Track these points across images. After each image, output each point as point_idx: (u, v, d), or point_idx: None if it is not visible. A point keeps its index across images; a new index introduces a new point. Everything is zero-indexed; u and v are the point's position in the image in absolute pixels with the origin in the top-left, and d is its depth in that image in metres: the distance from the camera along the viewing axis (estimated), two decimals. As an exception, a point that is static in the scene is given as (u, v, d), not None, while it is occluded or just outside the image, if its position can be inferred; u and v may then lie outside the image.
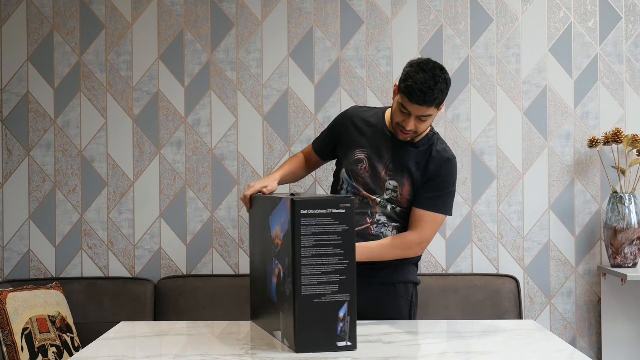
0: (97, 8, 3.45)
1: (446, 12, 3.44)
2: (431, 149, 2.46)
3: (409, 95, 2.29)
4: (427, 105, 2.29)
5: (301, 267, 1.88)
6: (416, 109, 2.31)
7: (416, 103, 2.28)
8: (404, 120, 2.35)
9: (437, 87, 2.27)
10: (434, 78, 2.27)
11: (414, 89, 2.26)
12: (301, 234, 1.88)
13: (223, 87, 3.44)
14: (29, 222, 3.46)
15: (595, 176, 3.43)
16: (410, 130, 2.36)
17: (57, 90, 3.46)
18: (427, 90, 2.26)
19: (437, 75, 2.29)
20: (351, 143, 2.53)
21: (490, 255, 3.43)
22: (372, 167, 2.47)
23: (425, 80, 2.26)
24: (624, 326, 3.34)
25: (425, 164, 2.45)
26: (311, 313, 1.88)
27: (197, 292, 3.29)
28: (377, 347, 1.97)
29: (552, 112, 3.44)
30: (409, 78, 2.29)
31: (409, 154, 2.46)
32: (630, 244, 3.26)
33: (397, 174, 2.45)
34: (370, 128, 2.52)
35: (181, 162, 3.45)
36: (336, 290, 1.89)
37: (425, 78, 2.26)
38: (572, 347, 1.96)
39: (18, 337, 2.93)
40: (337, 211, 1.89)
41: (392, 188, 2.46)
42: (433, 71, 2.29)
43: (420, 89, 2.26)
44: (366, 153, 2.48)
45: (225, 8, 3.45)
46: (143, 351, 1.96)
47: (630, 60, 3.44)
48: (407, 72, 2.32)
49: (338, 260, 1.89)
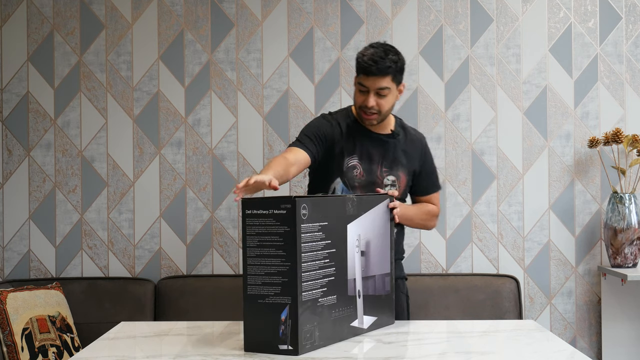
0: (97, 8, 3.45)
1: (446, 12, 3.44)
2: (407, 134, 2.58)
3: (363, 70, 2.37)
4: (382, 74, 2.35)
5: (247, 267, 1.88)
6: (372, 81, 2.36)
7: (371, 74, 2.35)
8: (365, 99, 2.40)
9: (388, 57, 2.35)
10: (383, 50, 2.38)
11: (366, 61, 2.35)
12: (246, 234, 1.88)
13: (223, 87, 3.44)
14: (29, 222, 3.46)
15: (595, 176, 3.43)
16: (372, 107, 2.39)
17: (57, 90, 3.46)
18: (379, 59, 2.34)
19: (387, 48, 2.39)
20: (340, 150, 2.49)
21: (490, 255, 3.43)
22: (366, 171, 2.49)
23: (375, 52, 2.36)
24: (624, 326, 3.34)
25: (412, 150, 2.56)
26: (256, 313, 1.87)
27: (197, 292, 3.29)
28: (377, 347, 1.97)
29: (552, 112, 3.44)
30: (360, 55, 2.39)
31: (395, 146, 2.52)
32: (630, 244, 3.26)
33: (392, 168, 2.51)
34: (348, 129, 2.52)
35: (181, 162, 3.45)
36: (278, 292, 1.84)
37: (375, 51, 2.37)
38: (572, 347, 1.96)
39: (18, 337, 2.93)
40: (278, 212, 1.84)
41: (390, 183, 2.51)
42: (382, 46, 2.40)
43: (371, 59, 2.34)
44: (357, 158, 2.49)
45: (225, 8, 3.45)
46: (143, 351, 1.96)
47: (630, 60, 3.44)
48: (358, 54, 2.42)
49: (280, 262, 1.84)
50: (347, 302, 2.02)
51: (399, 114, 3.42)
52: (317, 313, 1.89)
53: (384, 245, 2.20)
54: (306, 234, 1.86)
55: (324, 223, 1.93)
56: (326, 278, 1.93)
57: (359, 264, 2.08)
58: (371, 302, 2.13)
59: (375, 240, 2.16)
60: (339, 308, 1.98)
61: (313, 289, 1.88)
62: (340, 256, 1.99)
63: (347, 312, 2.03)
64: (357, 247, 2.08)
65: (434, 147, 3.42)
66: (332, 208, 1.97)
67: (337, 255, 1.97)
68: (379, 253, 2.18)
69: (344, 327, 2.01)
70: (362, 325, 2.10)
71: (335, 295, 1.96)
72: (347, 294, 2.02)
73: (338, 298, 1.97)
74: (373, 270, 2.15)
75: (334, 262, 1.96)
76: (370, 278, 2.13)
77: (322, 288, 1.91)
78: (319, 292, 1.90)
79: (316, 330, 1.89)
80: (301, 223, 1.83)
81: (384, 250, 2.20)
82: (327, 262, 1.94)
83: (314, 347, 1.88)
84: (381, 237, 2.19)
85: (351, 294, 2.05)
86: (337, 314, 1.98)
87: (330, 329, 1.95)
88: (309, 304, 1.86)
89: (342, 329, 2.00)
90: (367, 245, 2.11)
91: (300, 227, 1.83)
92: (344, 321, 2.01)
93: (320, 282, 1.91)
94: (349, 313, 2.04)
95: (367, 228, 2.12)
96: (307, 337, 1.86)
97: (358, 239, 2.08)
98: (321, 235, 1.91)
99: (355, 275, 2.08)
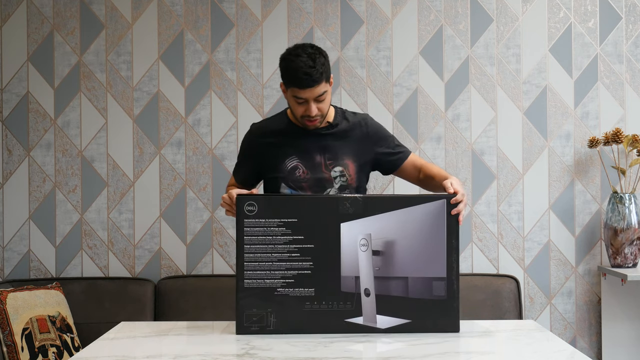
0: (97, 8, 3.45)
1: (446, 12, 3.44)
2: (348, 119, 2.50)
3: (297, 83, 2.29)
4: (317, 84, 2.29)
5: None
6: (309, 92, 2.30)
7: (307, 87, 2.29)
8: (305, 109, 2.34)
9: (317, 63, 2.28)
10: (310, 57, 2.29)
11: (298, 76, 2.27)
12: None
13: (223, 87, 3.44)
14: (29, 222, 3.46)
15: (595, 176, 3.43)
16: (316, 115, 2.35)
17: (57, 90, 3.46)
18: (310, 70, 2.27)
19: (312, 53, 2.31)
20: (275, 158, 2.47)
21: (490, 255, 3.43)
22: (309, 168, 2.44)
23: (303, 62, 2.28)
24: (624, 326, 3.34)
25: (356, 134, 2.48)
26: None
27: (197, 292, 3.29)
28: (377, 347, 1.97)
29: (552, 112, 3.44)
30: (289, 69, 2.31)
31: (334, 136, 2.46)
32: (630, 244, 3.26)
33: (337, 158, 2.45)
34: (282, 134, 2.47)
35: (181, 162, 3.45)
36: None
37: (302, 60, 2.28)
38: (572, 347, 1.96)
39: (18, 337, 2.93)
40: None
41: (339, 173, 2.45)
42: (305, 51, 2.31)
43: (304, 73, 2.27)
44: (296, 158, 2.44)
45: (225, 8, 3.45)
46: (143, 351, 1.96)
47: (630, 60, 3.44)
48: (284, 66, 2.33)
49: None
50: (338, 297, 2.09)
51: (399, 114, 3.43)
52: (273, 301, 2.07)
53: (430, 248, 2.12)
54: (254, 228, 2.07)
55: (292, 220, 2.08)
56: (293, 271, 2.08)
57: (365, 262, 2.09)
58: (396, 303, 2.11)
59: (406, 241, 2.11)
60: (320, 301, 2.09)
61: (265, 278, 2.08)
62: (324, 252, 2.09)
63: (339, 307, 2.09)
64: (363, 247, 2.09)
65: (434, 147, 3.43)
66: (309, 207, 2.09)
67: (315, 251, 2.09)
68: (417, 255, 2.12)
69: (332, 321, 2.08)
70: (374, 324, 2.10)
71: (313, 288, 2.08)
72: (339, 290, 2.09)
73: (317, 291, 2.08)
74: (402, 272, 2.12)
75: (311, 257, 2.08)
76: (397, 279, 2.12)
77: (283, 279, 2.08)
78: (278, 282, 2.08)
79: (271, 316, 2.08)
80: (244, 218, 2.07)
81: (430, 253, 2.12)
82: (296, 256, 2.08)
83: (266, 332, 2.07)
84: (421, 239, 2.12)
85: (348, 290, 2.08)
86: (315, 306, 2.08)
87: (301, 318, 2.08)
88: (256, 291, 2.07)
89: (329, 322, 2.08)
90: (386, 245, 2.11)
91: (243, 221, 2.07)
92: (333, 315, 2.08)
93: (282, 274, 2.08)
94: (342, 308, 2.08)
95: (389, 228, 2.10)
96: (254, 321, 2.08)
97: (366, 238, 2.09)
98: (284, 230, 2.08)
99: (360, 274, 2.09)
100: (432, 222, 2.12)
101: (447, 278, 2.12)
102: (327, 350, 1.91)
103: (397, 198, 2.16)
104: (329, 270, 2.09)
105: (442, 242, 2.12)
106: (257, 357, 1.85)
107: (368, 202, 2.10)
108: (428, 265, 2.13)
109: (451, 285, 2.12)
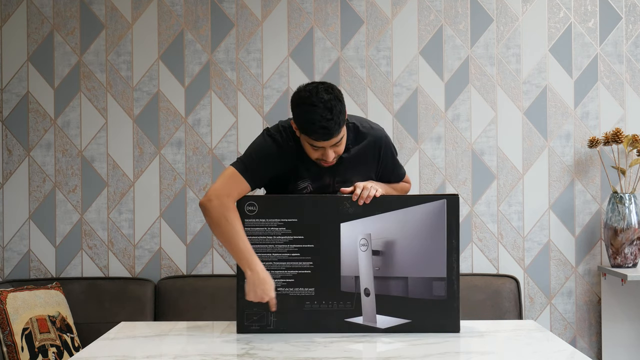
0: (97, 8, 3.45)
1: (446, 12, 3.44)
2: (361, 138, 2.30)
3: (313, 136, 2.11)
4: (333, 136, 2.12)
5: None
6: (327, 142, 2.13)
7: (324, 139, 2.11)
8: (322, 154, 2.17)
9: (334, 113, 2.08)
10: (326, 107, 2.08)
11: (316, 130, 2.08)
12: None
13: (223, 87, 3.44)
14: (29, 222, 3.46)
15: (595, 176, 3.43)
16: (333, 159, 2.20)
17: (57, 90, 3.46)
18: (328, 124, 2.08)
19: (328, 101, 2.09)
20: (290, 177, 2.28)
21: (490, 255, 3.43)
22: (317, 189, 2.30)
23: (321, 115, 2.07)
24: (624, 326, 3.34)
25: (367, 154, 2.32)
26: None
27: (197, 292, 3.29)
28: (377, 347, 1.97)
29: (552, 112, 3.44)
30: (305, 121, 2.10)
31: (346, 161, 2.29)
32: (630, 244, 3.26)
33: (346, 181, 2.29)
34: (301, 158, 2.26)
35: (181, 162, 3.45)
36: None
37: (319, 112, 2.07)
38: (572, 347, 1.96)
39: (18, 337, 2.93)
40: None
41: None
42: (321, 99, 2.09)
43: (321, 127, 2.07)
44: (308, 180, 2.29)
45: (225, 8, 3.45)
46: (143, 351, 1.96)
47: (630, 60, 3.44)
48: (299, 114, 2.13)
49: None
50: (338, 297, 2.10)
51: (399, 114, 3.43)
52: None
53: (430, 248, 2.12)
54: (254, 228, 2.11)
55: (292, 220, 2.11)
56: (293, 270, 2.11)
57: (365, 262, 2.09)
58: (396, 303, 2.11)
59: (406, 241, 2.12)
60: (320, 301, 2.10)
61: None
62: (324, 252, 2.10)
63: (339, 306, 2.10)
64: (363, 247, 2.10)
65: (434, 147, 3.43)
66: (309, 207, 2.11)
67: (315, 251, 2.10)
68: (417, 255, 2.12)
69: (332, 321, 2.10)
70: (374, 324, 2.10)
71: (313, 288, 2.10)
72: (339, 290, 2.10)
73: (317, 291, 2.10)
74: (402, 272, 2.12)
75: (311, 257, 2.10)
76: (396, 279, 2.13)
77: (283, 279, 2.10)
78: (278, 281, 2.10)
79: (271, 316, 2.10)
80: (245, 218, 2.10)
81: (430, 253, 2.12)
82: (296, 256, 2.11)
83: (266, 331, 2.10)
84: (421, 239, 2.12)
85: (348, 290, 2.08)
86: (315, 306, 2.10)
87: (301, 318, 2.10)
88: None
89: (329, 322, 2.10)
90: (386, 245, 2.11)
91: (244, 221, 2.11)
92: (332, 315, 2.10)
93: (282, 273, 2.11)
94: (342, 308, 2.10)
95: (389, 228, 2.11)
96: (254, 320, 2.11)
97: (366, 238, 2.10)
98: (284, 230, 2.10)
99: (360, 274, 2.09)
100: (432, 222, 2.12)
101: (447, 278, 2.12)
102: (327, 350, 1.91)
103: (397, 198, 2.17)
104: (329, 270, 2.10)
105: (442, 242, 2.12)
106: (257, 357, 1.85)
107: (375, 201, 2.11)
108: (428, 265, 2.13)
109: (451, 285, 2.12)
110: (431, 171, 3.43)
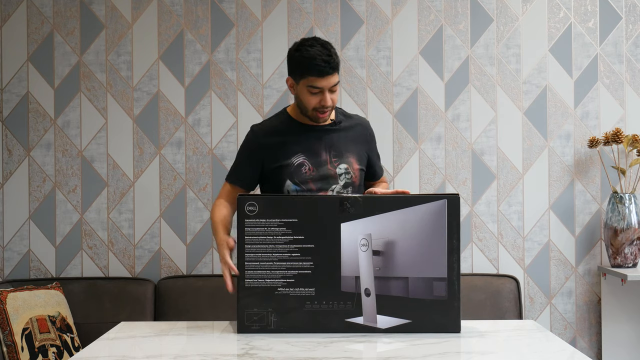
0: (97, 8, 3.45)
1: (446, 12, 3.44)
2: (350, 119, 2.54)
3: (317, 72, 2.31)
4: (333, 71, 2.33)
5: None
6: (326, 81, 2.33)
7: (326, 74, 2.32)
8: (320, 99, 2.36)
9: (332, 51, 2.34)
10: (324, 46, 2.34)
11: (316, 64, 2.30)
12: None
13: (223, 87, 3.44)
14: (29, 222, 3.46)
15: (595, 176, 3.43)
16: (329, 106, 2.38)
17: (57, 90, 3.46)
18: (328, 58, 2.31)
19: (325, 43, 2.35)
20: (281, 156, 2.45)
21: (490, 255, 3.43)
22: (316, 165, 2.44)
23: (319, 51, 2.31)
24: (624, 326, 3.34)
25: (358, 134, 2.53)
26: None
27: (197, 292, 3.29)
28: (377, 347, 1.97)
29: (552, 112, 3.44)
30: (304, 58, 2.32)
31: (338, 134, 2.48)
32: (630, 244, 3.26)
33: (342, 156, 2.47)
34: (287, 133, 2.47)
35: (181, 162, 3.45)
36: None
37: (318, 50, 2.32)
38: (572, 347, 1.96)
39: (18, 337, 2.93)
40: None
41: (344, 171, 2.46)
42: (317, 42, 2.35)
43: (322, 60, 2.30)
44: (302, 155, 2.44)
45: (225, 8, 3.45)
46: (143, 351, 1.96)
47: (630, 60, 3.44)
48: (298, 57, 2.35)
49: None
50: (338, 297, 2.10)
51: (399, 114, 3.43)
52: (274, 300, 2.08)
53: (430, 248, 2.12)
54: (254, 228, 2.09)
55: (292, 220, 2.10)
56: (294, 270, 2.10)
57: (365, 262, 2.09)
58: (397, 303, 2.12)
59: (406, 241, 2.12)
60: (320, 301, 2.10)
61: (266, 278, 2.09)
62: (325, 252, 2.10)
63: (339, 306, 2.10)
64: (364, 247, 2.10)
65: (434, 147, 3.43)
66: (310, 207, 2.10)
67: (316, 251, 2.10)
68: (418, 255, 2.12)
69: (332, 321, 2.09)
70: (374, 324, 2.10)
71: (314, 288, 2.09)
72: (340, 290, 2.10)
73: (317, 291, 2.10)
74: (402, 272, 2.12)
75: (311, 257, 2.10)
76: (397, 279, 2.13)
77: (284, 279, 2.10)
78: (279, 281, 2.10)
79: (271, 316, 2.10)
80: (245, 218, 2.09)
81: (430, 253, 2.12)
82: (297, 256, 2.10)
83: (267, 331, 2.09)
84: (421, 239, 2.12)
85: (348, 290, 2.08)
86: (316, 306, 2.10)
87: (301, 318, 2.09)
88: (257, 291, 2.08)
89: (329, 322, 2.09)
90: (386, 245, 2.11)
91: (244, 221, 2.09)
92: (333, 315, 2.09)
93: (282, 273, 2.10)
94: (342, 308, 2.09)
95: (389, 228, 2.11)
96: (255, 320, 2.10)
97: (367, 238, 2.10)
98: (284, 230, 2.09)
99: (360, 274, 2.09)
100: (432, 222, 2.12)
101: (448, 278, 2.12)
102: (327, 350, 1.91)
103: (397, 198, 2.16)
104: (329, 270, 2.10)
105: (442, 242, 2.12)
106: (257, 357, 1.85)
107: (368, 202, 2.10)
108: (428, 265, 2.13)
109: (452, 285, 2.12)
110: (431, 171, 3.43)
